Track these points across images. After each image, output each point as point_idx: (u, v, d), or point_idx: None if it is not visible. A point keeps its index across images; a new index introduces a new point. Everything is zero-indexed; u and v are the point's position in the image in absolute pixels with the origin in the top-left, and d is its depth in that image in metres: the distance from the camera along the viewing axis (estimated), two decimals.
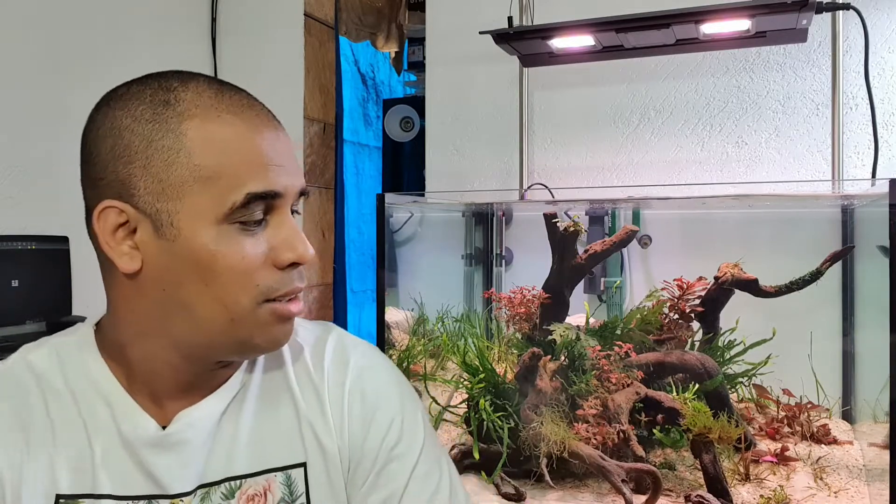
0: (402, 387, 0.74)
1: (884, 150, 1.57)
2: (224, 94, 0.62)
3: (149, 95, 0.61)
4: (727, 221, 1.72)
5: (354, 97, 3.41)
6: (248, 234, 0.61)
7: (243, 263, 0.61)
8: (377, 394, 0.71)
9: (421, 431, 0.72)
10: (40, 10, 1.70)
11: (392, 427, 0.70)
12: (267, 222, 0.62)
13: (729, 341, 1.44)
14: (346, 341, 0.75)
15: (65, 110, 1.74)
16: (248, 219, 0.60)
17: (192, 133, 0.60)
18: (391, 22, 2.81)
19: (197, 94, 0.61)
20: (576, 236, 1.42)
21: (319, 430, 0.69)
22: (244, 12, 2.23)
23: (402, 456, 0.70)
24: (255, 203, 0.60)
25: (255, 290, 0.61)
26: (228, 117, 0.61)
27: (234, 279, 0.61)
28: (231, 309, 0.61)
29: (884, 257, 1.17)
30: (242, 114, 0.62)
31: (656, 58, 1.77)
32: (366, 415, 0.70)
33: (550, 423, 1.27)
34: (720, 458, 1.25)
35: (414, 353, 1.70)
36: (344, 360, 0.73)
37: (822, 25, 1.63)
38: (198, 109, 0.61)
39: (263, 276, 0.62)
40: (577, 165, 1.89)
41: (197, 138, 0.60)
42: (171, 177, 0.60)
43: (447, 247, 2.02)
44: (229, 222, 0.60)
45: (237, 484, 0.66)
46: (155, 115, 0.60)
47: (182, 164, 0.59)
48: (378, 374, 0.73)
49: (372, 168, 3.52)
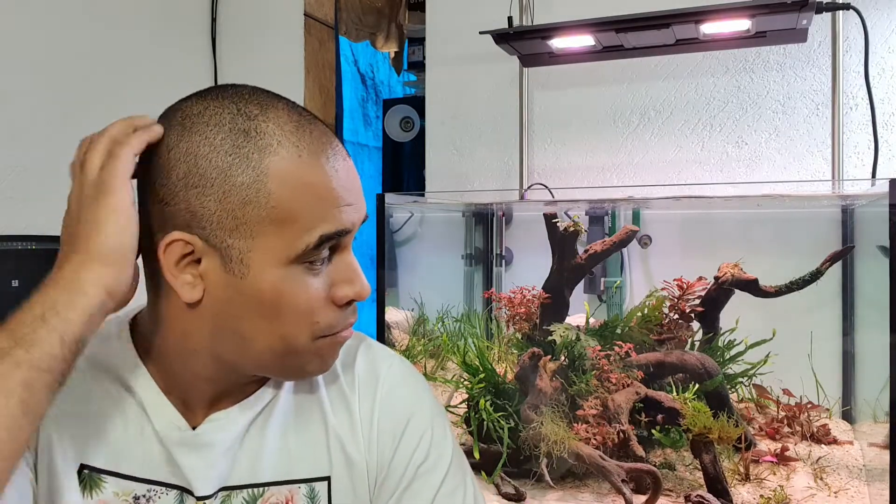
0: (431, 401, 0.74)
1: (884, 150, 1.57)
2: (304, 128, 0.61)
3: (228, 122, 0.59)
4: (727, 221, 1.72)
5: (354, 97, 3.42)
6: (314, 273, 0.61)
7: (307, 303, 0.61)
8: (407, 409, 0.71)
9: (449, 448, 0.72)
10: (40, 10, 1.70)
11: (421, 443, 0.70)
12: (330, 259, 0.63)
13: (729, 341, 1.44)
14: (377, 352, 0.75)
15: (65, 110, 1.74)
16: (317, 258, 0.61)
17: (273, 172, 0.58)
18: (391, 22, 2.81)
19: (278, 126, 0.60)
20: (576, 236, 1.42)
21: (347, 443, 0.69)
22: (244, 12, 2.23)
23: (429, 472, 0.69)
24: (326, 243, 0.60)
25: (315, 326, 0.62)
26: (308, 159, 0.60)
27: (297, 318, 0.61)
28: (289, 343, 0.62)
29: (884, 257, 1.17)
30: (322, 153, 0.61)
31: (656, 58, 1.77)
32: (395, 430, 0.70)
33: (550, 423, 1.27)
34: (720, 458, 1.25)
35: (414, 353, 1.70)
36: (375, 372, 0.72)
37: (822, 25, 1.63)
38: (279, 147, 0.59)
39: (324, 314, 0.62)
40: (577, 165, 1.89)
41: (276, 178, 0.58)
42: (247, 215, 0.58)
43: (447, 247, 2.02)
44: (298, 262, 0.60)
45: (260, 491, 0.67)
46: (235, 148, 0.58)
47: (260, 204, 0.58)
48: (408, 388, 0.73)
49: (371, 168, 3.52)
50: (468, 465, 0.75)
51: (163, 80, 1.99)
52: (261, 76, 2.19)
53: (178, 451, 0.65)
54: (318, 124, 0.63)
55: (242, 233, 0.58)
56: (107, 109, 1.91)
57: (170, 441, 0.65)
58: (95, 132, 0.62)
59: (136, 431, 0.65)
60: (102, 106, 1.83)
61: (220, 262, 0.59)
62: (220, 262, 0.59)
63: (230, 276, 0.59)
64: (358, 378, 0.72)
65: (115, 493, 0.64)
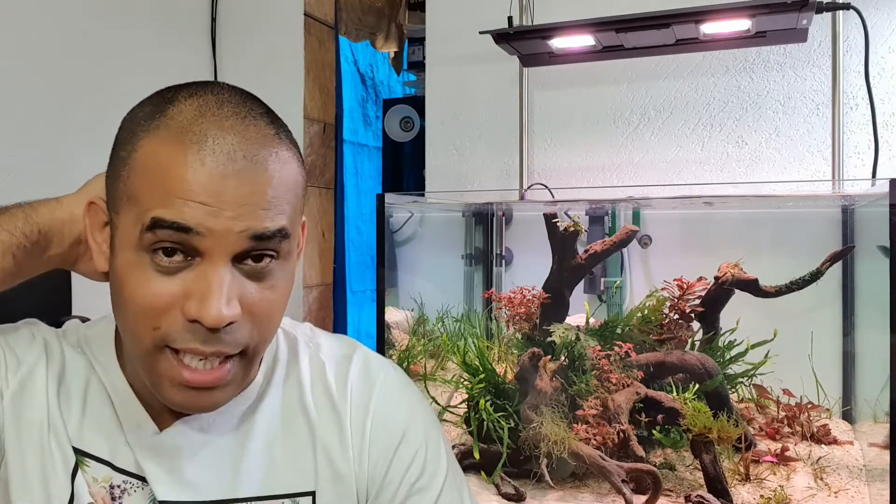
0: (427, 414, 0.71)
1: (884, 150, 1.57)
2: (206, 116, 0.56)
3: (153, 101, 0.59)
4: (727, 221, 1.72)
5: (353, 97, 3.41)
6: (160, 270, 0.55)
7: (145, 299, 0.56)
8: (402, 422, 0.68)
9: (444, 463, 0.69)
10: (40, 10, 1.70)
11: (416, 459, 0.67)
12: (192, 263, 0.56)
13: (729, 342, 1.44)
14: (372, 362, 0.71)
15: (65, 110, 1.74)
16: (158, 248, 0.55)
17: (140, 151, 0.57)
18: (391, 22, 2.81)
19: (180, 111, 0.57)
20: (576, 236, 1.42)
21: (335, 454, 0.66)
22: (244, 12, 2.23)
23: (424, 489, 0.67)
24: (164, 232, 0.54)
25: (155, 333, 0.56)
26: (174, 146, 0.55)
27: (136, 313, 0.56)
28: (136, 344, 0.58)
29: (884, 257, 1.17)
30: (197, 145, 0.55)
31: (656, 58, 1.76)
32: (389, 443, 0.67)
33: (550, 423, 1.27)
34: (720, 458, 1.25)
35: (414, 353, 1.70)
36: (369, 382, 0.69)
37: (822, 25, 1.63)
38: (159, 129, 0.56)
39: (168, 321, 0.56)
40: (577, 165, 1.88)
41: (140, 158, 0.57)
42: (117, 190, 0.58)
43: (447, 247, 2.02)
44: (143, 251, 0.56)
45: None
46: (133, 124, 0.59)
47: (122, 180, 0.58)
48: (404, 401, 0.70)
49: (371, 168, 3.52)
50: (464, 480, 0.72)
51: (162, 80, 1.96)
52: (261, 76, 2.19)
53: (142, 454, 0.63)
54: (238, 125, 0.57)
55: (114, 207, 0.59)
56: (106, 110, 1.91)
57: (134, 442, 0.63)
58: None
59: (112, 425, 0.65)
60: (102, 106, 1.82)
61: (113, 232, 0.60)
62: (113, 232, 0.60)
63: (111, 250, 0.60)
64: (351, 387, 0.68)
65: (94, 479, 0.63)
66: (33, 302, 1.54)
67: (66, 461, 0.63)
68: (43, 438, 0.63)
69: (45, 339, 0.67)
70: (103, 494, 0.63)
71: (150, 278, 0.56)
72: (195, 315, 0.55)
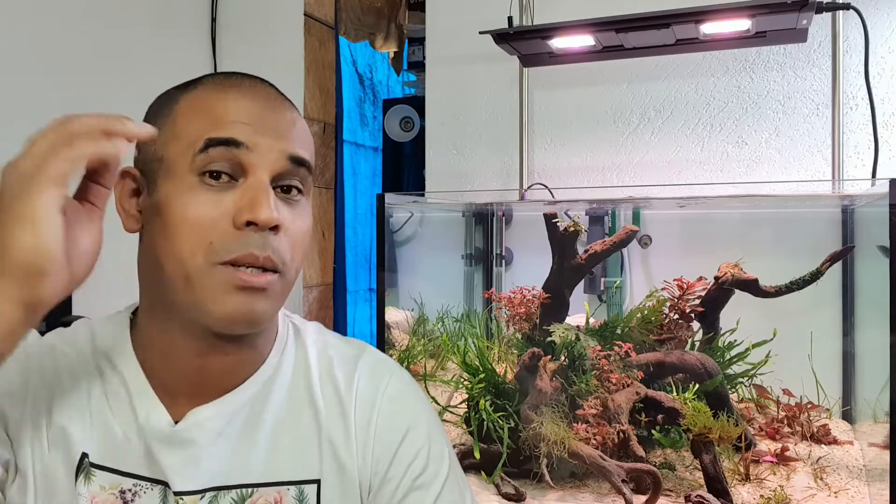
0: (431, 415, 0.74)
1: (884, 150, 1.57)
2: (231, 79, 0.66)
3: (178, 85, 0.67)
4: (727, 221, 1.72)
5: (351, 97, 3.42)
6: (211, 189, 0.60)
7: (197, 217, 0.59)
8: (407, 419, 0.71)
9: (446, 464, 0.71)
10: (39, 9, 1.70)
11: (418, 456, 0.69)
12: (237, 185, 0.61)
13: (729, 342, 1.44)
14: (379, 362, 0.74)
15: (65, 110, 1.74)
16: (210, 169, 0.60)
17: (183, 102, 0.64)
18: (391, 22, 2.81)
19: (211, 78, 0.66)
20: (576, 236, 1.42)
21: (340, 447, 0.68)
22: (244, 12, 2.23)
23: (426, 486, 0.69)
24: (216, 151, 0.60)
25: (209, 248, 0.59)
26: (213, 89, 0.64)
27: (188, 233, 0.59)
28: (185, 265, 0.60)
29: (884, 257, 1.17)
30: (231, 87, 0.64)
31: (656, 58, 1.76)
32: (393, 439, 0.69)
33: (550, 423, 1.27)
34: (720, 458, 1.25)
35: (414, 353, 1.70)
36: (376, 381, 0.71)
37: (822, 25, 1.63)
38: (203, 88, 0.65)
39: (219, 234, 0.59)
40: (577, 165, 1.89)
41: (184, 105, 0.64)
42: (161, 139, 0.62)
43: (447, 247, 2.02)
44: (194, 174, 0.60)
45: (248, 492, 0.66)
46: (164, 97, 0.66)
47: (167, 127, 0.63)
48: (409, 400, 0.72)
49: (368, 168, 3.52)
50: (467, 483, 0.74)
51: (162, 80, 1.97)
52: (261, 76, 2.19)
53: (158, 447, 0.64)
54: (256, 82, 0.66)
55: (156, 153, 0.63)
56: (106, 109, 1.91)
57: (150, 435, 0.65)
58: None
59: (124, 423, 0.66)
60: (102, 106, 1.82)
61: (146, 188, 0.63)
62: (146, 187, 0.63)
63: (148, 197, 0.63)
64: (357, 384, 0.71)
65: (101, 487, 0.65)
66: None
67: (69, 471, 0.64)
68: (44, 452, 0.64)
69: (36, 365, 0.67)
70: (112, 501, 0.65)
71: (203, 198, 0.60)
72: (249, 216, 0.59)
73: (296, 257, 0.64)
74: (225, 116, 0.61)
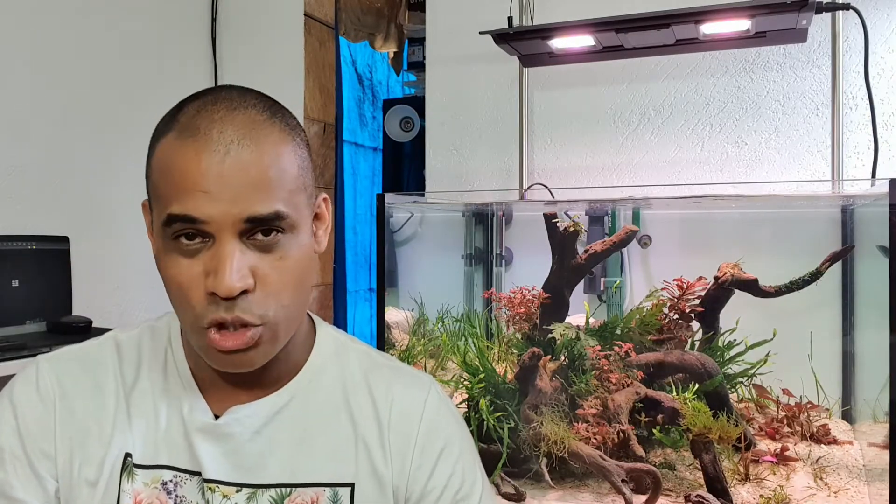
0: (464, 428, 0.76)
1: (884, 150, 1.57)
2: (201, 113, 0.62)
3: (172, 110, 0.65)
4: (727, 221, 1.72)
5: (351, 97, 3.42)
6: (186, 253, 0.61)
7: (177, 280, 0.62)
8: (445, 433, 0.73)
9: (480, 475, 0.74)
10: (39, 9, 1.70)
11: (456, 469, 0.72)
12: (209, 247, 0.61)
13: (729, 342, 1.44)
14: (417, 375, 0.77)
15: (64, 110, 1.74)
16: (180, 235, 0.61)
17: (156, 154, 0.64)
18: (391, 22, 2.81)
19: (187, 112, 0.63)
20: (576, 236, 1.42)
21: (375, 453, 0.70)
22: (244, 12, 2.23)
23: (467, 497, 0.72)
24: (178, 225, 0.61)
25: (193, 311, 0.62)
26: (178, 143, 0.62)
27: (175, 292, 0.63)
28: (183, 319, 0.64)
29: (884, 257, 1.17)
30: (195, 138, 0.61)
31: (656, 58, 1.77)
32: (432, 452, 0.71)
33: (550, 423, 1.27)
34: (720, 458, 1.25)
35: (414, 353, 1.70)
36: (414, 392, 0.73)
37: (822, 25, 1.63)
38: (172, 131, 0.63)
39: (196, 299, 0.62)
40: (577, 165, 1.89)
41: (156, 160, 0.64)
42: (149, 191, 0.65)
43: (447, 247, 2.02)
44: (169, 238, 0.62)
45: (287, 491, 0.68)
46: (156, 131, 0.65)
47: (150, 181, 0.64)
48: (447, 414, 0.74)
49: (367, 168, 3.52)
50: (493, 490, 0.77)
51: (162, 80, 1.98)
52: (261, 76, 2.20)
53: (198, 437, 0.68)
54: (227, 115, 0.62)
55: (151, 205, 0.65)
56: (107, 110, 1.91)
57: (192, 426, 0.68)
58: None
59: (170, 414, 0.69)
60: (102, 106, 1.82)
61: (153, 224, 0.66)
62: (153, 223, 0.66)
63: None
64: (394, 396, 0.72)
65: (144, 484, 0.68)
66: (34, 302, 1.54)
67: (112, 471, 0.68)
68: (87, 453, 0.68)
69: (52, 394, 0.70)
70: (157, 493, 0.68)
71: (178, 262, 0.62)
72: (211, 288, 0.60)
73: (283, 298, 0.64)
74: (182, 184, 0.60)
